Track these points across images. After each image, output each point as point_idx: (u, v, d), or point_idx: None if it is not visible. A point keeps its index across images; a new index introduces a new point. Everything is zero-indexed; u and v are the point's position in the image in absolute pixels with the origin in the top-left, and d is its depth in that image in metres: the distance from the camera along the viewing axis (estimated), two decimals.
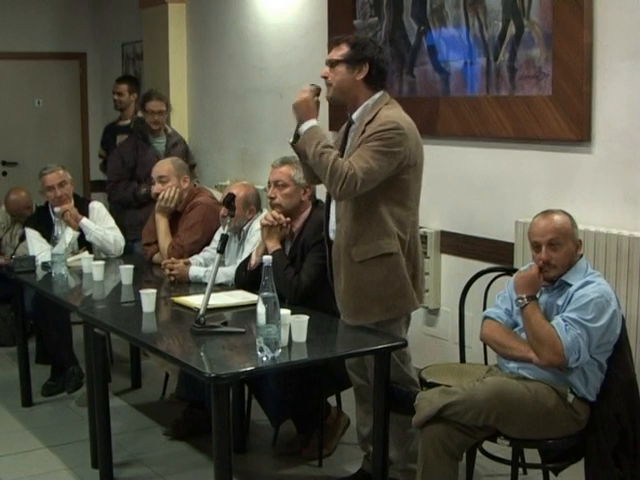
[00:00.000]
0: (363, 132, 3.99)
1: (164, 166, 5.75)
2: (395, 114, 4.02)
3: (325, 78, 4.11)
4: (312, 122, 4.01)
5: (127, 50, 9.78)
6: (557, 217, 3.85)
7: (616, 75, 4.72)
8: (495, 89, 5.36)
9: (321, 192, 4.47)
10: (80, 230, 5.99)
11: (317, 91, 4.07)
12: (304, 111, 4.03)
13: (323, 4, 6.69)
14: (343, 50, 4.07)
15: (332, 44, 4.15)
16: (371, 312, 4.06)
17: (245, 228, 5.20)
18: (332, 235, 4.21)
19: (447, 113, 5.66)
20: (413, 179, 4.05)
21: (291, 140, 4.14)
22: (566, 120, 4.92)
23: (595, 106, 4.84)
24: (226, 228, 4.23)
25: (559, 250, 3.80)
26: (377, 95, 4.10)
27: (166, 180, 5.64)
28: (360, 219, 4.01)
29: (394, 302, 4.07)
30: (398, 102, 4.18)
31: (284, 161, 4.81)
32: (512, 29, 5.20)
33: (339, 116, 4.27)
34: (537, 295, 3.83)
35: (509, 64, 5.25)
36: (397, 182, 3.99)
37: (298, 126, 4.07)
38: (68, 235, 5.81)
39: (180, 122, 8.60)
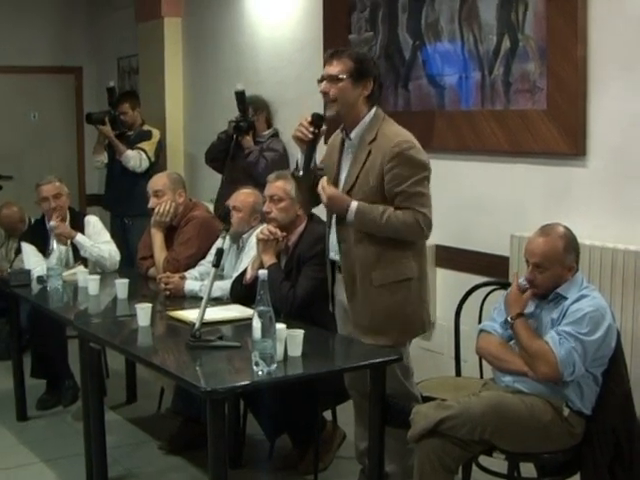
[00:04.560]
0: (369, 153, 3.99)
1: (160, 180, 5.76)
2: (399, 130, 4.06)
3: (325, 94, 4.06)
4: (352, 207, 3.97)
5: (123, 64, 9.79)
6: (549, 240, 3.85)
7: (611, 89, 4.72)
8: (490, 103, 5.36)
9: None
10: (73, 245, 5.99)
11: (320, 120, 4.03)
12: (335, 205, 4.04)
13: (318, 19, 6.70)
14: (347, 65, 4.02)
15: (331, 57, 4.08)
16: (389, 334, 4.08)
17: (245, 236, 5.22)
18: (332, 255, 4.21)
19: (442, 127, 5.66)
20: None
21: (300, 174, 4.11)
22: (561, 134, 4.92)
23: (590, 120, 4.83)
24: (222, 242, 4.23)
25: (543, 273, 3.83)
26: (373, 111, 4.10)
27: (162, 194, 5.64)
28: (378, 241, 4.01)
29: (411, 324, 4.13)
30: (393, 116, 4.20)
31: (279, 176, 4.82)
32: (507, 43, 5.21)
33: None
34: (527, 310, 3.86)
35: (504, 78, 5.25)
36: None
37: (306, 160, 4.05)
38: (61, 249, 5.78)
39: (176, 135, 8.64)
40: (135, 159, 7.75)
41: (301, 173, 4.10)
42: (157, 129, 8.10)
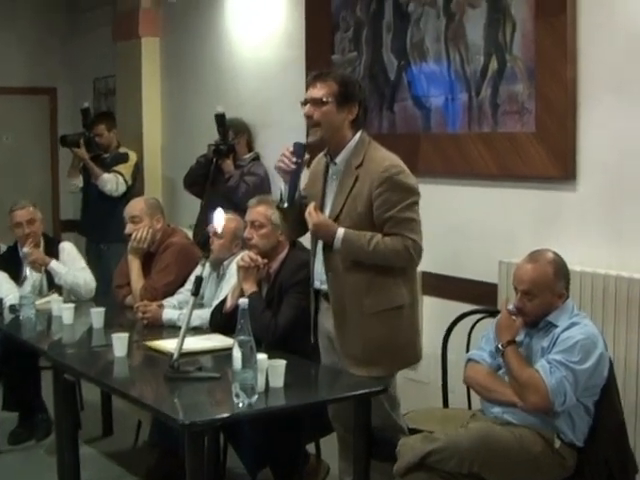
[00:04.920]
0: (356, 179, 4.00)
1: (137, 205, 5.75)
2: (387, 155, 4.08)
3: (309, 118, 4.05)
4: (339, 234, 3.97)
5: (99, 85, 9.79)
6: (538, 266, 3.86)
7: (601, 110, 4.74)
8: (477, 125, 5.38)
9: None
10: (47, 272, 5.97)
11: (302, 150, 4.02)
12: (321, 232, 4.04)
13: (300, 39, 6.72)
14: (331, 88, 4.02)
15: (315, 80, 4.07)
16: (381, 364, 4.08)
17: (225, 263, 5.22)
18: (318, 284, 4.20)
19: (428, 150, 5.68)
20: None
21: (285, 205, 4.09)
22: (550, 157, 4.94)
23: (579, 142, 4.85)
24: (202, 269, 4.23)
25: (533, 301, 3.84)
26: (358, 135, 4.11)
27: (139, 220, 5.64)
28: (369, 268, 4.00)
29: (403, 355, 4.13)
30: (377, 139, 4.22)
31: (261, 201, 4.83)
32: (494, 64, 5.23)
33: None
34: (517, 338, 3.86)
35: (491, 100, 5.27)
36: None
37: (290, 191, 4.05)
38: (35, 276, 5.75)
39: (153, 159, 8.64)
40: (111, 183, 7.74)
41: (286, 205, 4.09)
42: (134, 151, 8.10)
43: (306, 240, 4.44)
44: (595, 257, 4.76)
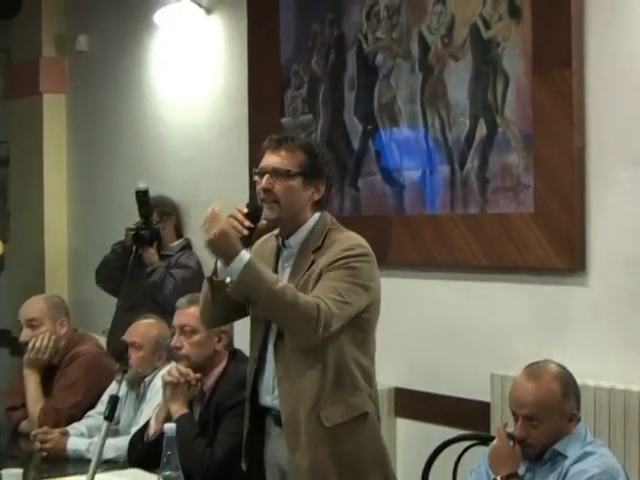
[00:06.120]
0: (312, 262, 3.98)
1: (35, 306, 5.72)
2: (353, 235, 4.06)
3: (267, 192, 3.99)
4: (243, 255, 3.83)
5: None
6: (541, 384, 3.85)
7: (615, 187, 4.79)
8: (462, 206, 5.42)
9: (243, 339, 4.43)
10: None
11: (257, 212, 3.95)
12: (224, 243, 3.85)
13: (242, 99, 6.77)
14: (298, 158, 3.99)
15: (279, 146, 4.02)
16: None
17: (147, 380, 5.17)
18: (268, 400, 4.12)
19: (401, 236, 5.70)
20: (374, 318, 4.08)
21: (217, 278, 4.01)
22: (553, 244, 4.97)
23: (589, 226, 4.90)
24: (118, 387, 4.18)
25: (538, 427, 3.81)
26: (317, 215, 4.10)
27: (38, 324, 5.60)
28: (325, 372, 3.95)
29: (371, 477, 4.04)
30: (339, 222, 4.19)
31: (193, 301, 4.75)
32: (482, 129, 5.29)
33: None
34: (518, 471, 3.82)
35: (479, 173, 5.31)
36: (360, 322, 4.00)
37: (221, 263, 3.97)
38: None
39: (57, 247, 8.62)
40: None
41: (227, 280, 3.96)
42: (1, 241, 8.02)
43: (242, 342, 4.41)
44: (611, 368, 4.76)
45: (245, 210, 3.93)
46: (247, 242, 3.92)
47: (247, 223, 3.89)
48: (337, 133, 6.12)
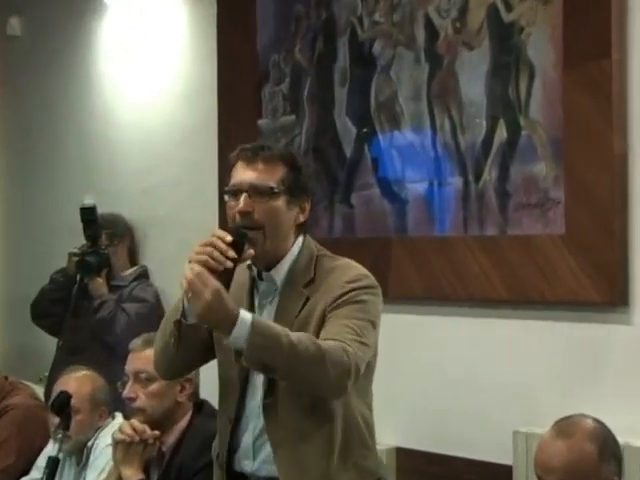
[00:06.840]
0: (307, 300, 3.86)
1: None
2: (350, 262, 3.98)
3: (245, 215, 3.83)
4: (244, 315, 3.60)
5: None
6: (574, 443, 3.81)
7: None
8: (477, 226, 5.39)
9: (211, 388, 4.28)
10: None
11: (243, 238, 3.74)
12: (220, 309, 3.58)
13: (211, 94, 6.76)
14: (281, 172, 3.86)
15: (255, 157, 3.87)
16: None
17: (90, 444, 5.14)
18: (247, 466, 3.97)
19: (403, 263, 5.67)
20: (374, 361, 4.00)
21: (193, 321, 3.77)
22: (588, 273, 4.93)
23: (633, 251, 4.86)
24: (57, 447, 4.05)
25: None
26: (301, 239, 3.99)
27: None
28: (333, 432, 3.86)
29: None
30: (328, 245, 4.10)
31: (149, 340, 4.63)
32: (502, 132, 5.26)
33: None
34: None
35: (498, 186, 5.27)
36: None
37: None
38: None
39: None
40: None
41: (195, 321, 3.78)
42: None
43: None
44: None
45: (229, 238, 3.71)
46: (228, 278, 3.74)
47: (231, 253, 3.69)
48: (326, 138, 6.10)
